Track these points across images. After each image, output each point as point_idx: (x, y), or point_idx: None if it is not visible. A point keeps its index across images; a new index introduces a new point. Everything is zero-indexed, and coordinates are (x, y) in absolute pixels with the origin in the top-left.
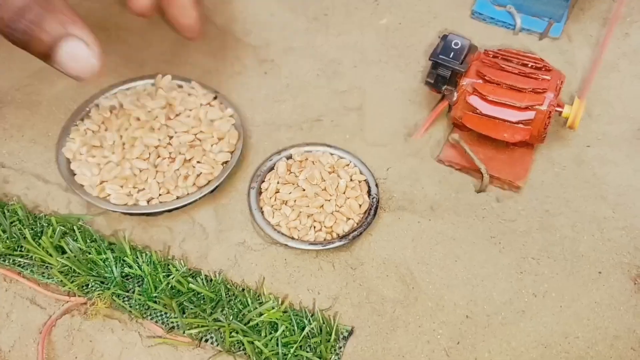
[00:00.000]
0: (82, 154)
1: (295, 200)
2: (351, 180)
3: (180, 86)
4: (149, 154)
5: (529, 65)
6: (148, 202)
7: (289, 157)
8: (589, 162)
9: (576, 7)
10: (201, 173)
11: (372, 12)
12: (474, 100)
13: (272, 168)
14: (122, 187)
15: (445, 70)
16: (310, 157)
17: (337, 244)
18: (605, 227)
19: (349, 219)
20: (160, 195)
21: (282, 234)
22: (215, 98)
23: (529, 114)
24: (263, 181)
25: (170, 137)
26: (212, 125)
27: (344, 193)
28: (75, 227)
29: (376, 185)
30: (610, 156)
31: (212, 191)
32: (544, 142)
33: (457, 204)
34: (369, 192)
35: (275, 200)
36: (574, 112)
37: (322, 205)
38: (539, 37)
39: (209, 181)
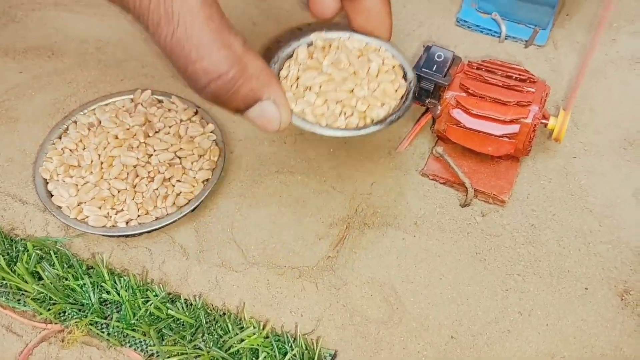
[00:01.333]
0: (59, 174)
1: (320, 86)
2: (383, 64)
3: (160, 101)
4: (127, 173)
5: (514, 77)
6: (127, 223)
7: (310, 44)
8: (575, 173)
9: (562, 13)
10: (181, 192)
11: None
12: (458, 114)
13: (290, 55)
14: (100, 208)
15: (428, 83)
16: (334, 42)
17: (373, 129)
18: (591, 241)
19: (384, 104)
20: (139, 216)
21: (308, 121)
22: (196, 113)
23: (514, 128)
24: (281, 68)
25: (149, 156)
26: (193, 142)
27: (377, 77)
28: (52, 252)
29: (412, 69)
30: (597, 167)
31: (192, 210)
32: (529, 154)
33: (442, 219)
34: (404, 77)
35: (297, 87)
36: (559, 124)
37: (352, 90)
38: (525, 45)
39: (189, 200)
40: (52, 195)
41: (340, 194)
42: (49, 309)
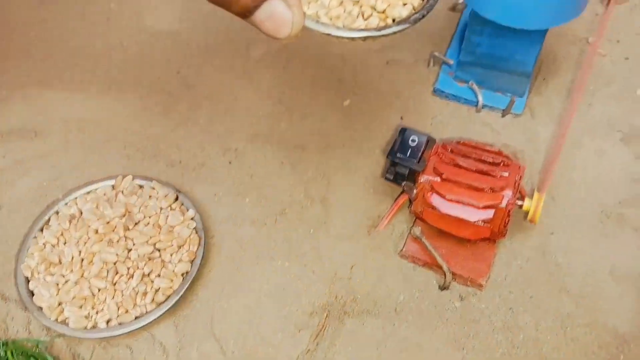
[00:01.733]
0: (40, 272)
1: None
2: None
3: (140, 187)
4: (107, 271)
5: (487, 161)
6: (107, 323)
7: None
8: (553, 252)
9: (539, 78)
10: (160, 288)
11: (335, 93)
12: (433, 199)
13: None
14: (80, 307)
15: (403, 168)
16: None
17: (395, 28)
18: (569, 324)
19: (406, 3)
20: (118, 315)
21: (323, 23)
22: (176, 199)
23: (488, 213)
24: None
25: (129, 250)
26: (172, 232)
27: None
28: (32, 357)
29: None
30: (574, 243)
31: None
32: (505, 237)
33: (421, 304)
34: None
35: None
36: (533, 207)
37: None
38: (502, 114)
39: (169, 296)
40: (33, 295)
41: (320, 279)
42: None
